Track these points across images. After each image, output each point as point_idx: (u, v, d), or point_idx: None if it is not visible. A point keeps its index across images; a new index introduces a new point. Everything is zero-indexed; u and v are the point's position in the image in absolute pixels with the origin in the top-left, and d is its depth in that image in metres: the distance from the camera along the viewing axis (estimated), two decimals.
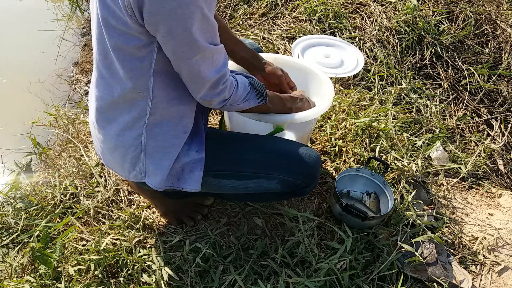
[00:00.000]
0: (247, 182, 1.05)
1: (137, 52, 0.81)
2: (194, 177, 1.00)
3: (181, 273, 1.16)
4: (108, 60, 0.86)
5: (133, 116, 0.91)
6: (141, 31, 0.77)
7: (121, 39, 0.79)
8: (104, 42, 0.83)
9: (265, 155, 1.06)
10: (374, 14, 2.16)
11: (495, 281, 1.23)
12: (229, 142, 1.09)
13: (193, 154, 1.00)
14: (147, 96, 0.88)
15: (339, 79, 1.94)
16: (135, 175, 0.99)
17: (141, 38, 0.79)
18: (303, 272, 1.15)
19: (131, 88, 0.86)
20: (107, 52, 0.84)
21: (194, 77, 0.84)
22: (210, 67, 0.84)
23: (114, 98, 0.90)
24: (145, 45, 0.80)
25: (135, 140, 0.94)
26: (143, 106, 0.90)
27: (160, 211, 1.33)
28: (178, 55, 0.80)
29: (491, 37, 2.08)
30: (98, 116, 0.98)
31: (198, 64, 0.82)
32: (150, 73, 0.85)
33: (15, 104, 2.13)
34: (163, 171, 0.97)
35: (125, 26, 0.77)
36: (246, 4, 2.43)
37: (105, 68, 0.88)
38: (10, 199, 1.41)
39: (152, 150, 0.95)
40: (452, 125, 1.82)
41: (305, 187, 1.08)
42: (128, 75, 0.85)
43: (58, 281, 1.15)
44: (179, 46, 0.78)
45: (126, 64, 0.83)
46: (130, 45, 0.79)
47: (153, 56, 0.82)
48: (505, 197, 1.51)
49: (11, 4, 2.87)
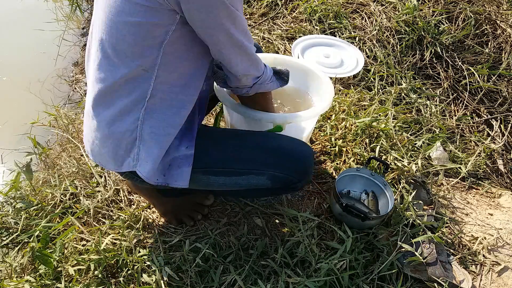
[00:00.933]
0: (237, 179, 1.05)
1: (154, 29, 0.82)
2: (182, 174, 1.00)
3: (181, 273, 1.16)
4: (114, 39, 0.86)
5: (132, 99, 0.91)
6: (166, 9, 0.79)
7: (141, 16, 0.80)
8: (114, 20, 0.83)
9: (254, 151, 1.06)
10: (374, 14, 2.16)
11: (495, 281, 1.23)
12: (219, 139, 1.10)
13: (183, 150, 1.00)
14: (150, 76, 0.89)
15: (339, 79, 1.94)
16: (128, 163, 0.97)
17: (162, 17, 0.81)
18: (303, 272, 1.15)
19: (138, 65, 0.87)
20: (116, 30, 0.84)
21: (234, 46, 0.88)
22: (246, 36, 0.89)
23: (116, 80, 0.90)
24: (163, 25, 0.82)
25: (131, 124, 0.93)
26: (144, 87, 0.90)
27: (158, 211, 1.33)
28: (216, 29, 0.83)
29: (491, 37, 2.08)
30: (97, 100, 0.96)
31: (236, 34, 0.86)
32: (159, 52, 0.86)
33: (15, 104, 2.13)
34: (154, 159, 0.96)
35: (151, 2, 0.78)
36: (246, 4, 2.43)
37: (112, 48, 0.87)
38: (10, 199, 1.41)
39: (147, 136, 0.95)
40: (452, 125, 1.82)
41: (296, 182, 1.08)
42: (138, 52, 0.85)
43: (58, 281, 1.15)
44: (218, 18, 0.81)
45: (139, 41, 0.84)
46: (149, 22, 0.81)
47: (166, 36, 0.84)
48: (505, 197, 1.51)
49: (11, 4, 2.87)
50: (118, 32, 0.84)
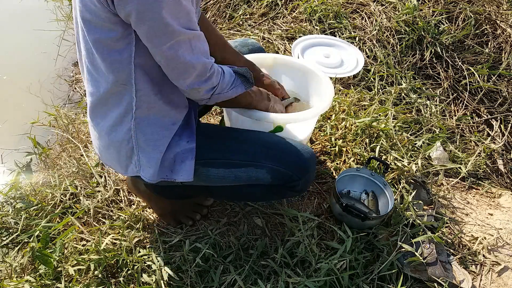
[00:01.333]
0: (236, 171, 1.04)
1: (115, 44, 0.81)
2: (185, 167, 1.00)
3: (181, 273, 1.16)
4: (91, 55, 0.86)
5: (120, 111, 0.92)
6: (115, 21, 0.78)
7: (98, 32, 0.80)
8: (84, 38, 0.84)
9: (255, 144, 1.06)
10: (374, 14, 2.16)
11: (495, 281, 1.23)
12: (220, 132, 1.10)
13: (184, 144, 1.00)
14: (130, 89, 0.88)
15: (339, 79, 1.94)
16: (132, 169, 1.00)
17: (116, 29, 0.79)
18: (303, 272, 1.15)
19: (114, 81, 0.87)
20: (89, 47, 0.85)
21: (172, 63, 0.83)
22: (190, 53, 0.82)
23: (101, 94, 0.91)
24: (121, 37, 0.81)
25: (125, 134, 0.95)
26: (129, 100, 0.90)
27: (156, 213, 1.33)
28: (152, 41, 0.79)
29: (491, 37, 2.08)
30: (92, 112, 0.99)
31: (175, 50, 0.80)
32: (131, 65, 0.85)
33: (15, 104, 2.13)
34: (155, 164, 0.97)
35: (98, 18, 0.77)
36: (246, 4, 2.43)
37: (90, 64, 0.89)
38: (10, 199, 1.41)
39: (144, 143, 0.96)
40: (452, 125, 1.82)
41: (297, 180, 1.06)
42: (110, 68, 0.85)
43: (58, 281, 1.15)
44: (152, 31, 0.76)
45: (106, 57, 0.84)
46: (107, 37, 0.80)
47: (131, 47, 0.83)
48: (505, 197, 1.51)
49: (11, 4, 2.86)
50: (89, 50, 0.85)
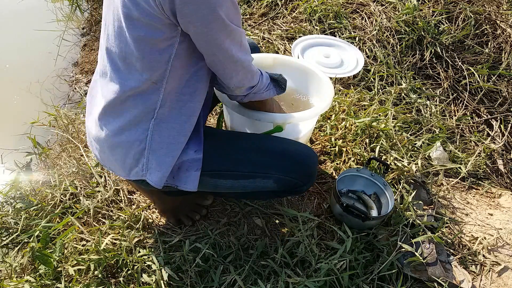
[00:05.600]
0: (244, 182, 1.06)
1: (159, 43, 0.83)
2: (190, 177, 1.00)
3: (181, 273, 1.16)
4: (123, 53, 0.86)
5: (141, 110, 0.92)
6: (166, 23, 0.80)
7: (143, 31, 0.81)
8: (122, 35, 0.84)
9: (261, 154, 1.06)
10: (374, 14, 2.16)
11: (495, 281, 1.23)
12: (226, 141, 1.10)
13: (192, 154, 1.00)
14: (159, 88, 0.89)
15: (339, 79, 1.94)
16: (136, 172, 0.99)
17: (164, 30, 0.81)
18: (303, 272, 1.15)
19: (147, 79, 0.88)
20: (126, 44, 0.85)
21: (228, 60, 0.87)
22: (241, 50, 0.88)
23: (126, 91, 0.91)
24: (166, 38, 0.82)
25: (141, 134, 0.94)
26: (154, 99, 0.91)
27: (158, 208, 1.33)
28: (211, 42, 0.82)
29: (491, 37, 2.08)
30: (105, 111, 0.97)
31: (230, 48, 0.85)
32: (167, 66, 0.86)
33: (15, 104, 2.13)
34: (166, 168, 0.97)
35: (149, 17, 0.78)
36: (246, 4, 2.42)
37: (122, 60, 0.88)
38: (10, 199, 1.41)
39: (157, 146, 0.95)
40: (452, 125, 1.82)
41: (301, 185, 1.09)
42: (147, 66, 0.86)
43: (58, 281, 1.15)
44: (213, 32, 0.80)
45: (146, 55, 0.84)
46: (153, 37, 0.82)
47: (173, 50, 0.84)
48: (505, 197, 1.51)
49: (11, 4, 2.86)
50: (126, 46, 0.85)
